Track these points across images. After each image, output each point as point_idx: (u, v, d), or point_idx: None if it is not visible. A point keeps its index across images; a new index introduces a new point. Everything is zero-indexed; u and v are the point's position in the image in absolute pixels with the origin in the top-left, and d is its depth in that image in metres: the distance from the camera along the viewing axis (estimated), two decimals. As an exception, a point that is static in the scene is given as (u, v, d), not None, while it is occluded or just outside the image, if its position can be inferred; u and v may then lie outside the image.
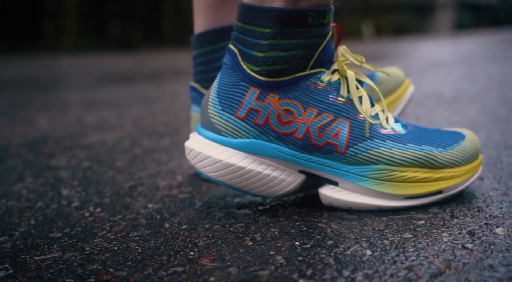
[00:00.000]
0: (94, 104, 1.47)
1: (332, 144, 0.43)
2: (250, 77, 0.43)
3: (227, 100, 0.44)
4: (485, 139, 0.71)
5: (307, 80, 0.43)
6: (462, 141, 0.47)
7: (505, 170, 0.55)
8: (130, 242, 0.40)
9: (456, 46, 4.31)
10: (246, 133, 0.43)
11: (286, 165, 0.45)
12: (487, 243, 0.36)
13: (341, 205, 0.45)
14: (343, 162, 0.44)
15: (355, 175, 0.44)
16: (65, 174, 0.65)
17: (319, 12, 0.41)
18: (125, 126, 1.04)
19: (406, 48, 4.74)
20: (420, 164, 0.44)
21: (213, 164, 0.44)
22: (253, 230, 0.42)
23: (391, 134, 0.45)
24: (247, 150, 0.44)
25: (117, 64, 3.91)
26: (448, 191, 0.45)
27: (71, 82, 2.46)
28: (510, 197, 0.46)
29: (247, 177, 0.44)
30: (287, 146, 0.44)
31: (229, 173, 0.44)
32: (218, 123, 0.44)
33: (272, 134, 0.43)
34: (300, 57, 0.42)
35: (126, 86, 2.08)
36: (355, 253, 0.36)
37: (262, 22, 0.41)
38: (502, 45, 3.85)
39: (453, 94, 1.28)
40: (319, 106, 0.43)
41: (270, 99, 0.43)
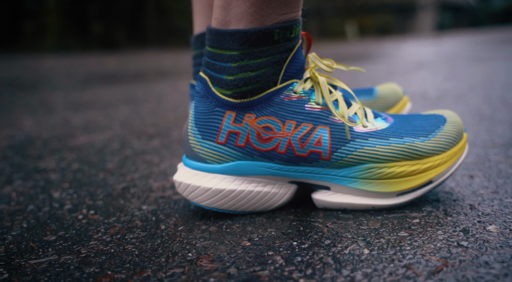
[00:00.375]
0: (80, 105, 1.45)
1: (316, 152, 0.43)
2: (224, 101, 0.43)
3: (206, 128, 0.44)
4: (472, 139, 0.72)
5: (280, 94, 0.43)
6: (444, 125, 0.47)
7: (493, 168, 0.56)
8: (127, 244, 0.40)
9: (438, 46, 4.38)
10: (230, 157, 0.44)
11: (276, 179, 0.45)
12: (481, 241, 0.37)
13: (336, 207, 0.46)
14: (330, 166, 0.44)
15: (345, 177, 0.44)
16: (55, 176, 0.64)
17: (285, 28, 0.41)
18: (113, 127, 1.03)
19: (390, 48, 4.79)
20: (405, 156, 0.44)
21: (204, 193, 0.44)
22: (250, 230, 0.42)
23: (373, 132, 0.45)
24: (234, 173, 0.44)
25: (102, 65, 3.87)
26: (438, 179, 0.45)
27: (54, 83, 2.43)
28: (500, 194, 0.47)
29: (240, 198, 0.45)
30: (273, 161, 0.44)
31: (221, 198, 0.44)
32: (201, 152, 0.44)
33: (256, 153, 0.44)
34: (270, 74, 0.42)
35: (111, 87, 2.06)
36: (353, 252, 0.36)
37: (229, 45, 0.41)
38: (483, 45, 3.92)
39: (438, 94, 1.29)
40: (296, 118, 0.43)
41: (247, 119, 0.43)
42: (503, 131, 0.76)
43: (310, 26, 10.41)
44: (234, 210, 0.45)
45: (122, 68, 3.41)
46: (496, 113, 0.94)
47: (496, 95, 1.19)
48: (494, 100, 1.11)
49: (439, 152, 0.45)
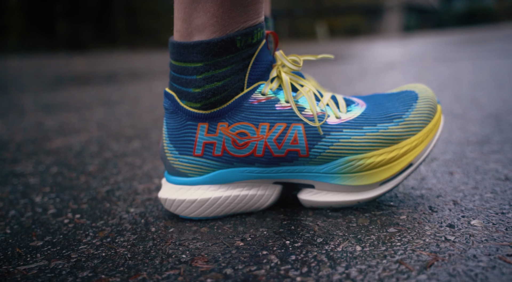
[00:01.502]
0: (52, 107, 1.42)
1: (294, 150, 0.44)
2: (194, 114, 0.43)
3: (181, 143, 0.44)
4: (447, 137, 0.75)
5: (248, 99, 0.43)
6: (416, 102, 0.46)
7: (471, 164, 0.58)
8: (118, 248, 0.39)
9: (405, 47, 4.48)
10: (209, 168, 0.44)
11: (260, 181, 0.45)
12: (467, 235, 0.38)
13: (322, 206, 0.46)
14: (311, 163, 0.45)
15: (327, 174, 0.45)
16: (34, 180, 0.62)
17: (246, 34, 0.41)
18: (90, 129, 1.01)
19: (360, 49, 4.87)
20: (381, 144, 0.44)
21: (190, 205, 0.44)
22: (241, 230, 0.42)
23: (346, 122, 0.44)
24: (217, 182, 0.45)
25: (70, 66, 3.79)
26: (417, 160, 0.45)
27: (22, 84, 2.36)
28: (480, 190, 0.49)
29: (227, 204, 0.45)
30: (254, 165, 0.44)
31: (208, 207, 0.45)
32: (180, 167, 0.44)
33: (235, 160, 0.44)
34: (236, 80, 0.42)
35: (83, 88, 2.02)
36: (346, 249, 0.37)
37: (193, 57, 0.41)
38: (448, 46, 4.04)
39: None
40: (269, 119, 0.43)
41: (220, 128, 0.43)
42: (475, 129, 0.79)
43: (281, 27, 10.48)
44: (224, 215, 0.45)
45: (92, 69, 3.34)
46: (467, 112, 0.97)
47: (465, 94, 1.23)
48: (464, 99, 1.14)
49: (415, 132, 0.45)
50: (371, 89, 1.50)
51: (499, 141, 0.70)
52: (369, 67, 2.43)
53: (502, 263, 0.33)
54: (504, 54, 2.58)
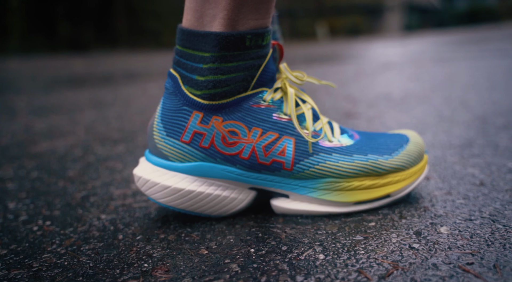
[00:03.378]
0: (44, 110, 1.42)
1: (279, 161, 0.44)
2: (192, 101, 0.43)
3: (171, 125, 0.44)
4: (431, 140, 0.74)
5: (249, 101, 0.43)
6: (407, 144, 0.48)
7: (449, 169, 0.58)
8: (82, 256, 0.39)
9: (404, 47, 4.47)
10: (192, 157, 0.44)
11: (236, 184, 0.45)
12: (431, 243, 0.38)
13: (293, 213, 0.46)
14: (291, 177, 0.45)
15: (304, 187, 0.45)
16: (12, 186, 0.62)
17: (256, 35, 0.42)
18: (78, 133, 1.01)
19: (359, 49, 4.87)
20: (366, 173, 0.45)
21: (162, 190, 0.44)
22: (208, 238, 0.42)
23: (337, 147, 0.45)
24: (195, 173, 0.44)
25: (69, 67, 3.79)
26: (396, 194, 0.47)
27: (18, 86, 2.36)
28: (453, 195, 0.48)
29: (198, 200, 0.44)
30: (235, 166, 0.44)
31: (179, 197, 0.44)
32: (164, 148, 0.44)
33: (219, 156, 0.44)
34: (241, 79, 0.42)
35: (78, 90, 2.02)
36: (309, 258, 0.37)
37: (201, 46, 0.41)
38: (447, 46, 4.02)
39: (402, 95, 1.32)
40: (263, 126, 0.43)
41: (214, 121, 0.43)
42: (460, 132, 0.79)
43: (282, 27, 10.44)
44: (191, 211, 0.45)
45: (90, 71, 3.35)
46: (455, 114, 0.96)
47: (456, 96, 1.23)
48: (454, 101, 1.14)
49: (400, 170, 0.46)
50: (364, 90, 1.50)
51: (481, 144, 0.69)
52: (365, 67, 2.43)
53: (460, 272, 0.33)
54: (502, 54, 2.58)
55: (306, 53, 4.41)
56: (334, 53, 4.11)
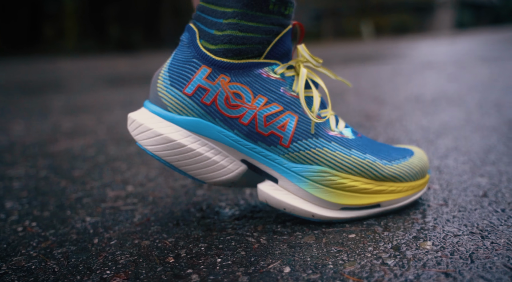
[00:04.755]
0: (77, 109, 1.47)
1: (277, 135, 0.42)
2: (204, 55, 0.42)
3: (177, 75, 0.43)
4: (448, 145, 0.70)
5: (260, 68, 0.42)
6: (410, 157, 0.46)
7: (455, 177, 0.54)
8: (50, 260, 0.39)
9: (453, 46, 4.29)
10: (191, 111, 0.42)
11: (229, 151, 0.43)
12: (407, 259, 0.35)
13: (276, 204, 0.43)
14: (286, 157, 0.43)
15: (296, 174, 0.43)
16: (18, 184, 0.64)
17: (281, 1, 0.42)
18: (99, 132, 1.03)
19: (403, 48, 4.72)
20: (361, 172, 0.43)
21: (153, 137, 0.42)
22: (181, 245, 0.41)
23: (338, 137, 0.44)
24: (190, 128, 0.42)
25: (114, 67, 3.91)
26: (386, 205, 0.44)
27: (62, 86, 2.46)
28: (449, 207, 0.45)
29: (187, 156, 0.42)
30: (232, 131, 0.42)
31: (168, 148, 0.42)
32: (164, 98, 0.43)
33: (218, 116, 0.42)
34: (257, 41, 0.42)
35: (115, 90, 2.08)
36: (273, 271, 0.35)
37: (225, 2, 0.41)
38: (499, 44, 3.83)
39: (434, 96, 1.26)
40: (269, 95, 0.42)
41: (220, 80, 0.42)
42: (482, 137, 0.74)
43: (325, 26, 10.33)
44: (175, 166, 0.43)
45: (132, 71, 3.44)
46: (484, 118, 0.91)
47: (492, 98, 1.16)
48: (488, 104, 1.07)
49: (398, 180, 0.44)
50: (395, 91, 1.44)
51: (500, 152, 0.65)
52: (403, 67, 2.35)
53: (426, 295, 0.30)
54: (554, 53, 2.41)
55: (346, 52, 4.32)
56: (376, 53, 4.01)
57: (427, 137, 0.77)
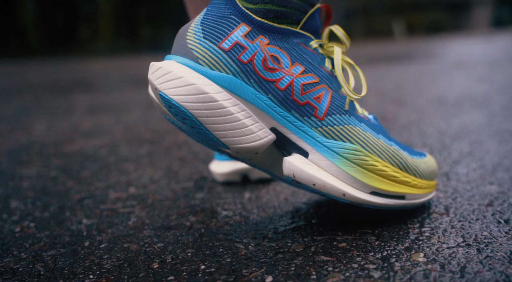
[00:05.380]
0: (99, 109, 1.49)
1: (312, 105, 0.40)
2: (243, 13, 0.40)
3: (212, 29, 0.40)
4: (463, 149, 0.67)
5: (298, 38, 0.42)
6: (425, 156, 0.46)
7: (463, 184, 0.52)
8: (38, 263, 0.40)
9: (488, 44, 4.15)
10: (226, 67, 0.39)
11: (260, 116, 0.40)
12: (394, 272, 0.33)
13: (305, 179, 0.40)
14: (319, 130, 0.40)
15: (329, 149, 0.40)
16: (27, 184, 0.65)
17: None
18: (115, 133, 1.05)
19: (436, 47, 4.60)
20: (388, 158, 0.41)
21: (183, 86, 0.37)
22: (169, 250, 0.41)
23: (365, 119, 0.43)
24: (224, 85, 0.39)
25: (141, 67, 3.97)
26: (410, 199, 0.42)
27: (88, 86, 2.52)
28: (450, 216, 0.43)
29: (217, 113, 0.38)
30: (267, 95, 0.40)
31: (199, 100, 0.37)
32: (196, 50, 0.39)
33: (254, 77, 0.39)
34: (297, 6, 0.41)
35: (139, 90, 2.11)
36: (254, 280, 0.34)
37: None
38: (536, 43, 3.68)
39: (458, 98, 1.22)
40: (306, 65, 0.41)
41: (259, 40, 0.40)
42: (501, 143, 0.70)
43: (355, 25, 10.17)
44: (201, 122, 0.38)
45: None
46: (507, 122, 0.87)
47: (518, 99, 1.11)
48: (513, 106, 1.03)
49: (418, 175, 0.43)
50: (418, 92, 1.40)
51: (516, 157, 0.61)
52: (432, 67, 2.28)
53: (405, 312, 0.28)
54: None
55: (374, 52, 4.25)
56: (405, 52, 3.92)
57: (442, 142, 0.74)
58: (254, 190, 0.56)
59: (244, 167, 0.58)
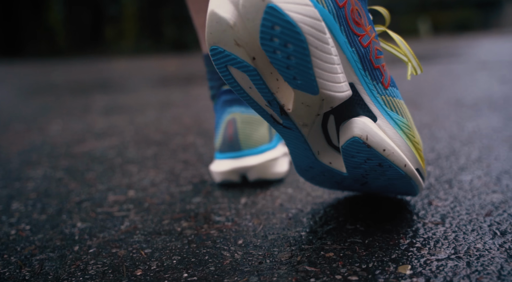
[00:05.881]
0: (114, 109, 1.51)
1: (381, 72, 0.40)
2: None
3: None
4: (471, 156, 0.65)
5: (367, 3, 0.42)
6: None
7: (465, 193, 0.50)
8: (25, 267, 0.40)
9: (515, 43, 4.03)
10: (326, 5, 0.35)
11: (346, 67, 0.37)
12: (376, 286, 0.32)
13: (377, 142, 0.37)
14: (383, 99, 0.40)
15: (391, 118, 0.40)
16: (31, 185, 0.66)
17: None
18: (126, 134, 1.05)
19: (462, 46, 4.49)
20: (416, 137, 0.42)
21: (301, 4, 0.33)
22: (155, 257, 0.41)
23: None
24: (327, 21, 0.35)
25: (163, 67, 4.01)
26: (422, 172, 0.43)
27: (108, 86, 2.55)
28: (445, 226, 0.41)
29: (322, 47, 0.34)
30: (351, 47, 0.38)
31: (313, 25, 0.33)
32: None
33: (344, 25, 0.37)
34: None
35: (156, 90, 2.13)
36: (233, 290, 0.34)
37: None
38: None
39: (476, 100, 1.19)
40: (374, 31, 0.41)
41: None
42: (506, 150, 0.68)
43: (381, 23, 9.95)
44: (310, 52, 0.33)
45: (178, 71, 3.50)
46: (522, 124, 0.84)
47: (539, 102, 1.07)
48: (532, 108, 0.99)
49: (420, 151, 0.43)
50: (436, 93, 1.37)
51: (526, 164, 0.59)
52: (454, 67, 2.23)
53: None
54: None
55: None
56: (430, 52, 3.84)
57: (451, 146, 0.72)
58: (251, 194, 0.56)
59: (242, 166, 0.58)
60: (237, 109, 0.60)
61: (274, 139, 0.62)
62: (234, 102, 0.61)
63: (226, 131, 0.59)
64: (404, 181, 0.41)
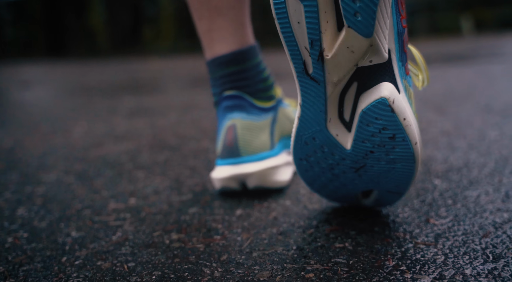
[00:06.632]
0: (139, 111, 1.53)
1: (406, 57, 0.42)
2: None
3: None
4: (488, 167, 0.61)
5: None
6: None
7: (467, 209, 0.47)
8: (10, 278, 0.41)
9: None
10: None
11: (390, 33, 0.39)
12: (347, 314, 0.31)
13: (400, 110, 0.38)
14: (404, 83, 0.41)
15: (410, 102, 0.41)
16: (41, 190, 0.68)
17: None
18: (143, 137, 1.07)
19: (505, 46, 4.31)
20: None
21: None
22: (137, 271, 0.40)
23: None
24: None
25: (196, 68, 4.05)
26: None
27: (137, 87, 2.60)
28: (437, 248, 0.39)
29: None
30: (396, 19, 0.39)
31: None
32: None
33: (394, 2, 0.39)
34: None
35: (183, 91, 2.15)
36: (203, 311, 0.33)
37: None
38: None
39: (507, 105, 1.13)
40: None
41: None
42: (533, 159, 0.64)
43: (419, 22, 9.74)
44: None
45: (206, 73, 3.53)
46: (549, 133, 0.79)
47: None
48: None
49: None
50: (467, 97, 1.31)
51: (542, 178, 0.55)
52: (492, 68, 2.14)
53: None
54: None
55: (434, 51, 4.05)
56: (469, 51, 3.71)
57: (466, 158, 0.68)
58: (248, 206, 0.55)
59: (241, 172, 0.57)
60: (238, 116, 0.59)
61: (276, 147, 0.61)
62: (235, 108, 0.60)
63: (226, 137, 0.59)
64: (405, 166, 0.40)
